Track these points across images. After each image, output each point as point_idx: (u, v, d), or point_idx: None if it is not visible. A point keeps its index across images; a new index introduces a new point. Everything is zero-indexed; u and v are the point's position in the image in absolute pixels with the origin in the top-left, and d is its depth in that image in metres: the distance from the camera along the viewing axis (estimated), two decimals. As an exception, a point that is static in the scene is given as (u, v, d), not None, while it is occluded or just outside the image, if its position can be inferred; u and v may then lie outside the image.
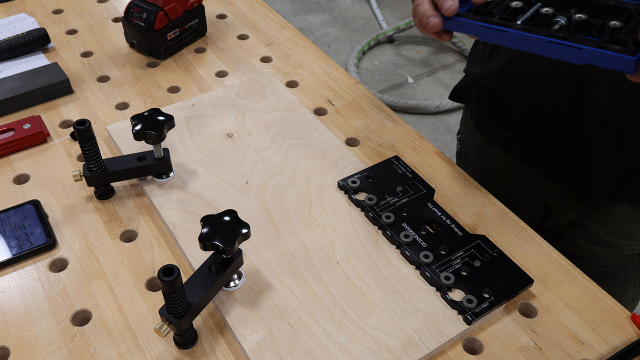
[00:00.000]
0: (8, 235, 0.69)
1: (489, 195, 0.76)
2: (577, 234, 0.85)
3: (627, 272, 0.86)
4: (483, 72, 0.85)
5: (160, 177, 0.75)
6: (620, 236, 0.83)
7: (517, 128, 0.82)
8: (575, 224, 0.85)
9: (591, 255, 0.85)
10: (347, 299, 0.62)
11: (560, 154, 0.79)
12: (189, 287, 0.58)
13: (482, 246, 0.67)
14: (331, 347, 0.58)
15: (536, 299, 0.64)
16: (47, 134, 0.82)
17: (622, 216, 0.80)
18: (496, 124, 0.85)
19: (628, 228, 0.82)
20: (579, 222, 0.84)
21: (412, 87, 2.58)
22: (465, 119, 0.97)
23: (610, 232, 0.83)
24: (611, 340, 0.61)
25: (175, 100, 0.90)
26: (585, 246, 0.85)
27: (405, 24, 2.81)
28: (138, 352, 0.58)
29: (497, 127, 0.85)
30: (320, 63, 0.99)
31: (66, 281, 0.65)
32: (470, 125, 0.92)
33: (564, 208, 0.85)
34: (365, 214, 0.71)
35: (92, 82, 0.93)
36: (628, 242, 0.83)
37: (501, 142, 0.85)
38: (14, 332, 0.60)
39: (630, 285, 0.88)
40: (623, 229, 0.82)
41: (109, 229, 0.71)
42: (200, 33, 1.04)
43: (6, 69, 0.93)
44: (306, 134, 0.83)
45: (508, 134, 0.83)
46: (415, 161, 0.81)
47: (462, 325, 0.60)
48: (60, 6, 1.11)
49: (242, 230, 0.59)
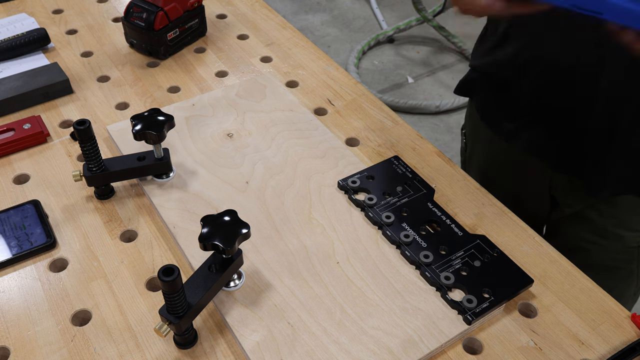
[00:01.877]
0: (8, 235, 0.69)
1: (489, 195, 0.76)
2: (583, 226, 0.85)
3: (631, 265, 0.87)
4: (490, 62, 0.84)
5: (160, 177, 0.75)
6: (626, 227, 0.83)
7: (524, 119, 0.82)
8: (581, 216, 0.85)
9: (596, 248, 0.85)
10: (347, 299, 0.62)
11: (567, 144, 0.78)
12: (189, 287, 0.58)
13: (482, 246, 0.67)
14: (331, 347, 0.58)
15: (536, 299, 0.64)
16: (47, 134, 0.82)
17: (628, 207, 0.80)
18: (502, 116, 0.85)
19: (634, 219, 0.82)
20: (584, 215, 0.84)
21: (412, 87, 2.58)
22: (470, 113, 0.97)
23: (615, 224, 0.83)
24: (611, 340, 0.61)
25: (175, 100, 0.90)
26: (590, 239, 0.85)
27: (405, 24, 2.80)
28: (138, 352, 0.58)
29: (503, 118, 0.85)
30: (320, 63, 0.99)
31: (66, 281, 0.65)
32: (476, 119, 0.92)
33: (570, 198, 0.84)
34: (365, 214, 0.71)
35: (92, 82, 0.93)
36: (633, 233, 0.83)
37: (507, 134, 0.85)
38: (14, 332, 0.60)
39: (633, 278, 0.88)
40: (629, 220, 0.82)
41: (109, 229, 0.71)
42: (200, 33, 1.04)
43: (6, 69, 0.93)
44: (306, 134, 0.83)
45: (514, 125, 0.83)
46: (415, 161, 0.81)
47: (462, 325, 0.60)
48: (60, 6, 1.11)
49: (242, 230, 0.59)
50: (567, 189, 0.84)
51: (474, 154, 0.98)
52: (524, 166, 0.87)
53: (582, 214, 0.84)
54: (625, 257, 0.86)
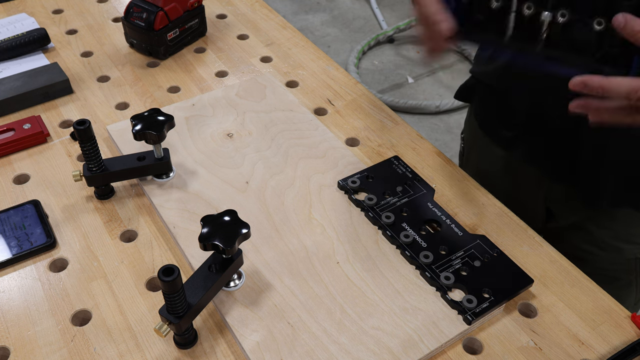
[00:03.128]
0: (8, 235, 0.69)
1: (489, 195, 0.76)
2: (580, 236, 0.85)
3: (630, 276, 0.86)
4: (487, 71, 0.85)
5: (160, 177, 0.75)
6: (624, 240, 0.82)
7: (521, 128, 0.82)
8: (578, 227, 0.85)
9: (593, 258, 0.85)
10: (347, 299, 0.62)
11: (563, 155, 0.78)
12: (189, 287, 0.58)
13: (482, 246, 0.67)
14: (331, 347, 0.58)
15: (536, 299, 0.64)
16: (47, 134, 0.82)
17: (626, 220, 0.80)
18: (500, 124, 0.85)
19: (632, 232, 0.82)
20: (582, 225, 0.84)
21: (412, 87, 2.58)
22: (469, 119, 0.97)
23: (613, 236, 0.82)
24: (611, 340, 0.61)
25: (175, 100, 0.90)
26: (588, 249, 0.85)
27: (405, 24, 2.81)
28: (138, 352, 0.58)
29: (501, 126, 0.85)
30: (320, 63, 0.99)
31: (66, 281, 0.65)
32: (474, 125, 0.92)
33: (566, 210, 0.84)
34: (365, 214, 0.71)
35: (92, 82, 0.93)
36: (631, 246, 0.83)
37: (505, 142, 0.85)
38: (14, 332, 0.60)
39: (632, 289, 0.88)
40: (627, 233, 0.82)
41: (109, 229, 0.71)
42: (200, 33, 1.04)
43: (6, 69, 0.93)
44: (306, 134, 0.83)
45: (512, 133, 0.83)
46: (415, 161, 0.81)
47: (462, 325, 0.60)
48: (60, 6, 1.11)
49: (242, 230, 0.59)
50: (563, 200, 0.84)
51: (472, 159, 0.98)
52: (520, 175, 0.87)
53: (580, 225, 0.84)
54: (623, 268, 0.86)
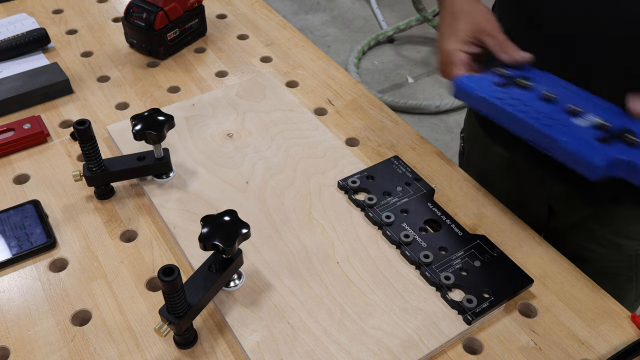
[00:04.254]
0: (8, 235, 0.69)
1: (489, 195, 0.76)
2: (581, 234, 0.85)
3: (630, 272, 0.86)
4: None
5: (160, 177, 0.75)
6: (625, 236, 0.83)
7: None
8: (579, 225, 0.85)
9: (595, 256, 0.85)
10: (347, 299, 0.62)
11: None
12: (189, 287, 0.58)
13: (482, 246, 0.67)
14: (331, 347, 0.58)
15: (536, 299, 0.64)
16: (47, 134, 0.82)
17: (626, 216, 0.80)
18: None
19: (632, 228, 0.82)
20: (583, 223, 0.84)
21: (412, 87, 2.58)
22: (469, 118, 0.97)
23: (614, 233, 0.82)
24: (611, 340, 0.61)
25: (175, 100, 0.90)
26: (589, 247, 0.85)
27: (405, 24, 2.80)
28: (138, 352, 0.58)
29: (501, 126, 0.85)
30: (320, 63, 0.99)
31: (66, 281, 0.65)
32: (475, 124, 0.92)
33: (568, 208, 0.84)
34: (365, 214, 0.71)
35: (92, 82, 0.93)
36: (632, 242, 0.83)
37: (506, 141, 0.85)
38: (14, 332, 0.60)
39: (633, 285, 0.88)
40: (627, 229, 0.82)
41: (109, 229, 0.71)
42: (200, 33, 1.04)
43: (6, 69, 0.93)
44: (306, 134, 0.83)
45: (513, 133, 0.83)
46: (415, 161, 0.81)
47: (462, 325, 0.60)
48: (60, 6, 1.11)
49: (242, 230, 0.59)
50: (565, 199, 0.84)
51: (472, 158, 0.98)
52: (522, 174, 0.87)
53: (580, 223, 0.84)
54: (624, 264, 0.86)
